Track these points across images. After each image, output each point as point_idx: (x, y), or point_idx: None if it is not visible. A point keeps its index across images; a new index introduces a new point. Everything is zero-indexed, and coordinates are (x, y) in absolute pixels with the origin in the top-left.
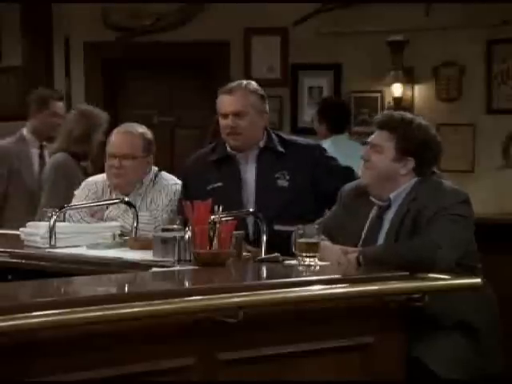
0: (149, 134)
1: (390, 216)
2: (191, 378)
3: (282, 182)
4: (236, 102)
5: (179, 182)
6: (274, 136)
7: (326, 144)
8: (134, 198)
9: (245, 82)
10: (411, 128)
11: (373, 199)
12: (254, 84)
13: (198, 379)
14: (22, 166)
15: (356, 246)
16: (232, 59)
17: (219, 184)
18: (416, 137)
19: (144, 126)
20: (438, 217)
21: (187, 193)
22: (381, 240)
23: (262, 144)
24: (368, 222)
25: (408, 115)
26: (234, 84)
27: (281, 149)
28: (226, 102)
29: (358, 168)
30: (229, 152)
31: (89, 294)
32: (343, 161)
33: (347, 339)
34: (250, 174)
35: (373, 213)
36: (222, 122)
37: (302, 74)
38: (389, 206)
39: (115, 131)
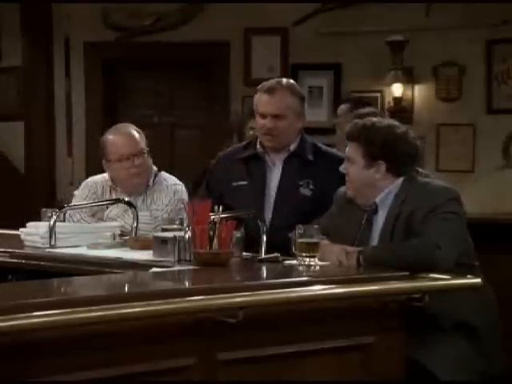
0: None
1: (379, 219)
2: (191, 378)
3: (305, 191)
4: (276, 103)
5: (179, 182)
6: (307, 142)
7: None
8: (135, 198)
9: (285, 80)
10: (371, 132)
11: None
12: (295, 84)
13: (198, 379)
14: None
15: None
16: (232, 59)
17: (244, 182)
18: (377, 140)
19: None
20: (431, 216)
21: (210, 187)
22: (373, 243)
23: (292, 148)
24: (361, 225)
25: (372, 120)
26: (274, 82)
27: (310, 157)
28: (265, 102)
29: None
30: (258, 151)
31: (89, 294)
32: None
33: (347, 339)
34: (274, 177)
35: (365, 217)
36: (259, 120)
37: (302, 74)
38: (376, 210)
39: (114, 135)
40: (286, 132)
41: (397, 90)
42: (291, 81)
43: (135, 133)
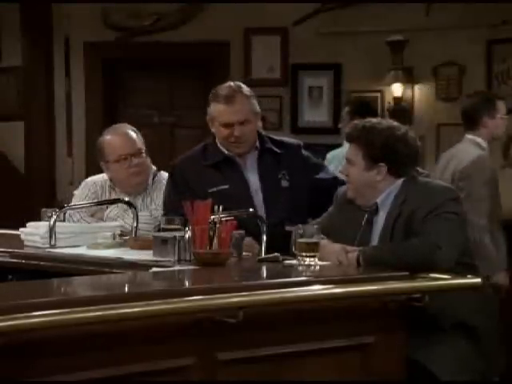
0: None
1: (379, 220)
2: (191, 378)
3: (284, 183)
4: (239, 111)
5: None
6: (264, 136)
7: None
8: (134, 198)
9: (235, 85)
10: (372, 134)
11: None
12: (245, 86)
13: (197, 379)
14: None
15: None
16: (232, 59)
17: (224, 187)
18: (378, 142)
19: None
20: (431, 216)
21: (180, 196)
22: (374, 243)
23: (258, 145)
24: (362, 226)
25: (372, 121)
26: (229, 90)
27: (277, 149)
28: (227, 112)
29: None
30: (227, 154)
31: (88, 294)
32: None
33: (347, 339)
34: (252, 176)
35: (365, 217)
36: (224, 131)
37: (301, 74)
38: (377, 211)
39: (112, 136)
40: (252, 135)
41: (397, 89)
42: (239, 83)
43: (132, 133)
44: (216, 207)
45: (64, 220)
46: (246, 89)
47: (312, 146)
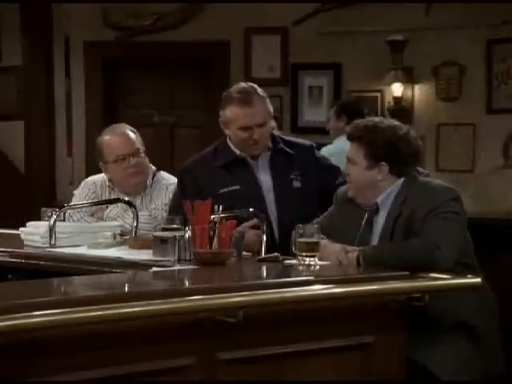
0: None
1: (380, 220)
2: (191, 378)
3: (296, 183)
4: (257, 113)
5: None
6: (276, 136)
7: (340, 141)
8: (134, 198)
9: (249, 86)
10: (375, 133)
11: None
12: (258, 87)
13: (197, 379)
14: None
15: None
16: (232, 59)
17: (236, 187)
18: (380, 141)
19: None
20: (431, 216)
21: (191, 195)
22: (374, 243)
23: (270, 145)
24: (362, 225)
25: (374, 120)
26: (245, 92)
27: (289, 150)
28: (245, 115)
29: None
30: (239, 155)
31: (88, 293)
32: None
33: (347, 339)
34: (264, 176)
35: (365, 217)
36: (243, 134)
37: (301, 74)
38: (377, 210)
39: (110, 136)
40: (268, 136)
41: (397, 89)
42: (251, 84)
43: (130, 133)
44: (216, 207)
45: (64, 220)
46: (260, 89)
47: None
